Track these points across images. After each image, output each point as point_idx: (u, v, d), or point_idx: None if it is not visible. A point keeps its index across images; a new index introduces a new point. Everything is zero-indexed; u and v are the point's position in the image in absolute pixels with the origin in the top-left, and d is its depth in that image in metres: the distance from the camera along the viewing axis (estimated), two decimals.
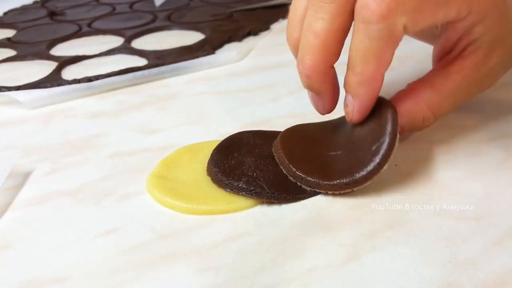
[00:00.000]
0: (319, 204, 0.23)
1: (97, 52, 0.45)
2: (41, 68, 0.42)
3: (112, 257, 0.20)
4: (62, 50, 0.48)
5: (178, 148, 0.28)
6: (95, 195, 0.24)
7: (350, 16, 0.23)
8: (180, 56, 0.42)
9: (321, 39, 0.23)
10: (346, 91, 0.24)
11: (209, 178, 0.24)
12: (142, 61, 0.42)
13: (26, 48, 0.48)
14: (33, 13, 0.62)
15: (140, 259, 0.20)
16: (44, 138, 0.31)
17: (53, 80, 0.39)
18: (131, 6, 0.63)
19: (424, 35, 0.30)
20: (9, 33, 0.54)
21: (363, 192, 0.23)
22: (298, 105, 0.33)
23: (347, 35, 0.23)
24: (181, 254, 0.20)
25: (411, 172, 0.24)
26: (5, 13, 0.63)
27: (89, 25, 0.55)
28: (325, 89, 0.25)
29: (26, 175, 0.27)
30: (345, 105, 0.24)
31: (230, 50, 0.43)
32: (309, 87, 0.25)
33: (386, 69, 0.23)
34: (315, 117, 0.30)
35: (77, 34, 0.52)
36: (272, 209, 0.23)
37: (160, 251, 0.20)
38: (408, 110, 0.24)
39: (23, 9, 0.65)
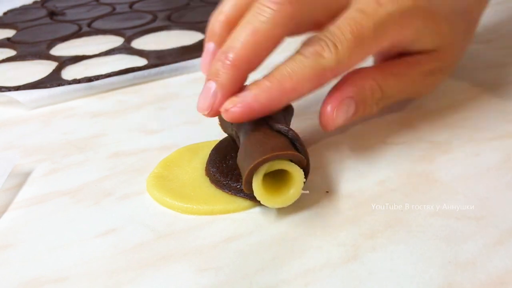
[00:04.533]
0: (319, 204, 0.23)
1: (97, 52, 0.45)
2: (41, 68, 0.42)
3: (112, 257, 0.20)
4: (62, 50, 0.48)
5: (178, 148, 0.28)
6: (95, 195, 0.24)
7: (286, 31, 0.23)
8: (180, 56, 0.42)
9: (256, 39, 0.23)
10: (249, 87, 0.23)
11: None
12: (142, 61, 0.42)
13: (26, 48, 0.48)
14: (33, 13, 0.62)
15: (140, 259, 0.20)
16: (44, 138, 0.31)
17: (53, 80, 0.39)
18: (131, 6, 0.63)
19: None
20: (9, 33, 0.54)
21: (363, 192, 0.23)
22: (298, 105, 0.33)
23: (275, 48, 0.24)
24: (181, 254, 0.20)
25: (411, 172, 0.24)
26: (5, 13, 0.64)
27: (89, 25, 0.55)
28: (228, 86, 0.23)
29: (26, 175, 0.27)
30: (237, 95, 0.23)
31: None
32: (215, 75, 0.23)
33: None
34: (315, 117, 0.30)
35: (77, 34, 0.52)
36: (272, 209, 0.22)
37: (160, 251, 0.20)
38: (355, 81, 0.25)
39: (23, 9, 0.65)
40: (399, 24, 0.24)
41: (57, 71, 0.41)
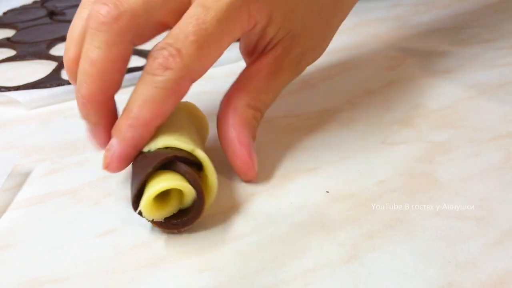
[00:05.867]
0: (319, 204, 0.23)
1: None
2: (41, 68, 0.42)
3: (112, 257, 0.20)
4: (62, 50, 0.47)
5: None
6: (95, 195, 0.24)
7: (127, 46, 0.22)
8: None
9: (98, 68, 0.22)
10: (112, 134, 0.22)
11: None
12: (142, 61, 0.42)
13: (26, 48, 0.48)
14: (33, 13, 0.62)
15: (140, 259, 0.20)
16: (44, 138, 0.31)
17: (53, 80, 0.39)
18: None
19: None
20: (9, 33, 0.54)
21: (363, 192, 0.23)
22: (298, 105, 0.33)
23: (127, 64, 0.23)
24: (181, 254, 0.20)
25: (411, 172, 0.25)
26: (4, 13, 0.63)
27: None
28: (102, 121, 0.23)
29: (26, 175, 0.27)
30: (106, 149, 0.22)
31: (230, 50, 0.42)
32: (86, 117, 0.23)
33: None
34: (315, 118, 0.30)
35: None
36: (272, 209, 0.22)
37: (160, 251, 0.20)
38: (240, 121, 0.25)
39: (23, 9, 0.65)
40: (247, 11, 0.23)
41: (56, 71, 0.41)
